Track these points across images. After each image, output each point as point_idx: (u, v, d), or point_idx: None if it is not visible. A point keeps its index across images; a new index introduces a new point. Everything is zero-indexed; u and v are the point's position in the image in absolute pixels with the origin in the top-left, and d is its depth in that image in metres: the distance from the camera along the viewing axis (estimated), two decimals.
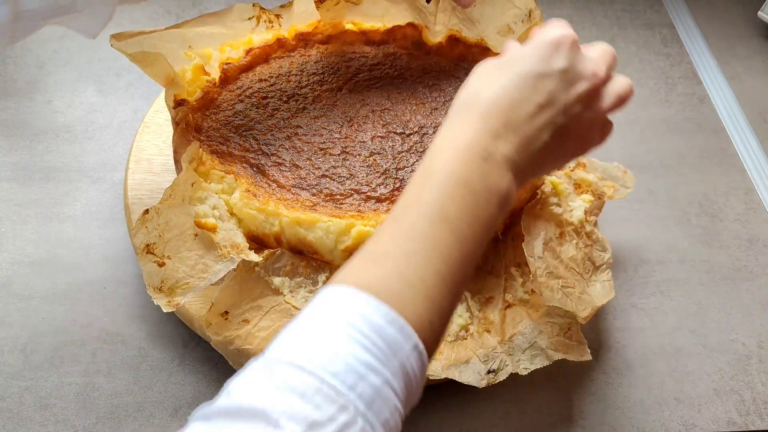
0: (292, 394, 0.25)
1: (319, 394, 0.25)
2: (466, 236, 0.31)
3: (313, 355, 0.26)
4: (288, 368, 0.26)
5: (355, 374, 0.26)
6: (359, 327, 0.27)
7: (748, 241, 0.56)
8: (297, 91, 0.52)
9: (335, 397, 0.25)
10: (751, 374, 0.48)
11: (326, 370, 0.25)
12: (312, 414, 0.24)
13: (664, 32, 0.73)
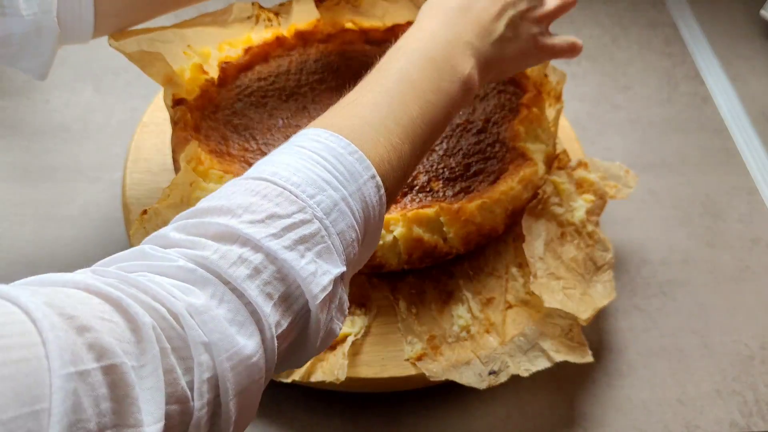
0: (255, 196, 0.28)
1: (280, 197, 0.28)
2: (429, 101, 0.35)
3: (277, 170, 0.29)
4: (253, 180, 0.29)
5: (314, 187, 0.29)
6: (321, 153, 0.30)
7: (751, 241, 0.55)
8: (296, 90, 0.52)
9: (295, 200, 0.28)
10: (754, 375, 0.48)
11: (288, 181, 0.28)
12: (272, 209, 0.27)
13: (666, 32, 0.72)
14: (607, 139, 0.62)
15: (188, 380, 0.23)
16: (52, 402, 0.18)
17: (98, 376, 0.20)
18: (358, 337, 0.43)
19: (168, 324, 0.23)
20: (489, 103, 0.52)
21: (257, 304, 0.25)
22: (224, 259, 0.26)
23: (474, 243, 0.46)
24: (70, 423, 0.18)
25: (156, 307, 0.23)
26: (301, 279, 0.27)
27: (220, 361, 0.24)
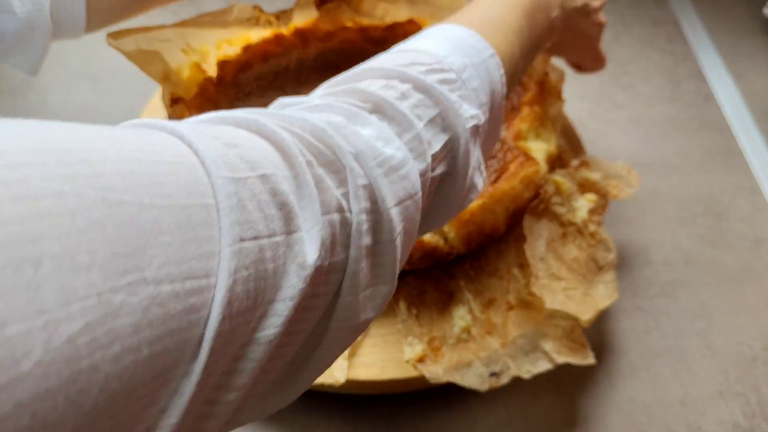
0: (392, 55, 0.29)
1: (417, 54, 0.29)
2: (529, 23, 0.36)
3: (407, 45, 0.31)
4: (386, 53, 0.30)
5: (444, 50, 0.30)
6: (443, 33, 0.32)
7: (755, 241, 0.55)
8: (296, 89, 0.51)
9: (431, 56, 0.29)
10: (757, 377, 0.47)
11: (416, 48, 0.30)
12: (412, 59, 0.28)
13: (668, 30, 0.72)
14: (608, 138, 0.61)
15: (343, 192, 0.22)
16: (217, 198, 0.18)
17: (257, 183, 0.19)
18: (358, 339, 0.43)
19: (307, 141, 0.23)
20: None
21: (408, 117, 0.26)
22: (372, 86, 0.26)
23: (475, 243, 0.46)
24: (239, 221, 0.18)
25: (291, 128, 0.23)
26: (450, 102, 0.27)
27: (369, 168, 0.23)
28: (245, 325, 0.18)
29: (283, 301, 0.19)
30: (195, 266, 0.16)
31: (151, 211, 0.16)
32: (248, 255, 0.18)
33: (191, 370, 0.17)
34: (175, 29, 0.47)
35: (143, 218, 0.16)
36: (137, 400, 0.15)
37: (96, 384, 0.14)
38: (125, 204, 0.15)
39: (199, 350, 0.17)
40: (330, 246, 0.21)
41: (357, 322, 0.23)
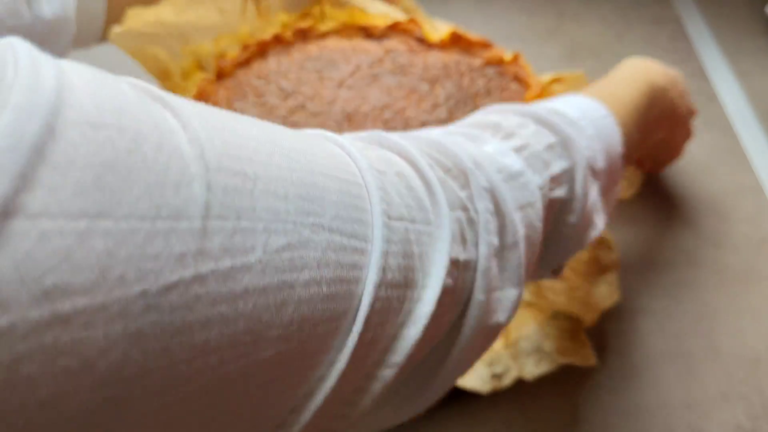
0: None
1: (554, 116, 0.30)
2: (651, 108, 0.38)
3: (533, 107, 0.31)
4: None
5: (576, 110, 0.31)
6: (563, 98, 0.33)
7: (759, 242, 0.55)
8: (295, 88, 0.51)
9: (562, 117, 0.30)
10: (760, 378, 0.47)
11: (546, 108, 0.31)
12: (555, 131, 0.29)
13: (671, 28, 0.71)
14: None
15: (466, 194, 0.24)
16: (365, 180, 0.20)
17: (395, 178, 0.22)
18: None
19: (427, 150, 0.24)
20: (491, 100, 0.52)
21: (525, 138, 0.27)
22: (487, 117, 0.28)
23: None
24: (385, 200, 0.20)
25: (412, 140, 0.25)
26: (567, 134, 0.29)
27: (488, 173, 0.25)
28: (399, 301, 0.20)
29: (430, 287, 0.21)
30: (356, 228, 0.19)
31: (321, 176, 0.19)
32: (395, 231, 0.20)
33: (353, 326, 0.18)
34: (173, 25, 0.47)
35: (317, 179, 0.18)
36: (314, 341, 0.17)
37: (291, 301, 0.16)
38: (301, 163, 0.18)
39: (359, 308, 0.19)
40: (460, 241, 0.23)
41: (489, 323, 0.24)
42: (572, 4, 0.74)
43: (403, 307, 0.20)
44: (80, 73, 0.15)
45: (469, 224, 0.23)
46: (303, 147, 0.19)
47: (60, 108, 0.13)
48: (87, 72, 0.15)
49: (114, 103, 0.14)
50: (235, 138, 0.17)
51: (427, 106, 0.51)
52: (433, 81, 0.53)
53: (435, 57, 0.54)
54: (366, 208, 0.20)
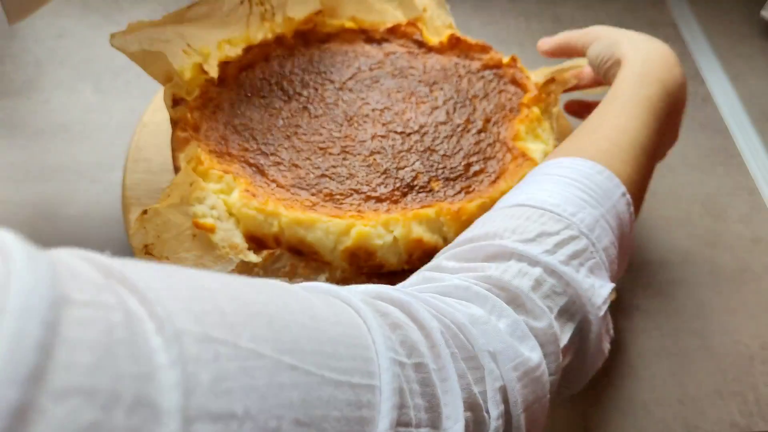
0: (518, 219, 0.28)
1: (543, 217, 0.28)
2: (664, 125, 0.36)
3: (532, 195, 0.29)
4: (510, 208, 0.29)
5: (574, 205, 0.29)
6: (571, 176, 0.30)
7: (752, 241, 0.55)
8: (297, 90, 0.52)
9: (559, 218, 0.28)
10: (755, 375, 0.48)
11: (546, 203, 0.28)
12: (539, 228, 0.27)
13: (666, 31, 0.72)
14: None
15: (480, 390, 0.23)
16: (382, 380, 0.19)
17: (411, 372, 0.21)
18: None
19: (452, 332, 0.23)
20: (489, 103, 0.52)
21: (543, 310, 0.25)
22: (506, 273, 0.26)
23: None
24: (395, 405, 0.19)
25: (439, 317, 0.23)
26: (582, 290, 0.27)
27: (506, 370, 0.23)
28: None
29: None
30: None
31: (329, 386, 0.18)
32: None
33: None
34: (176, 28, 0.48)
35: (323, 392, 0.17)
36: None
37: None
38: (311, 374, 0.17)
39: None
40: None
41: None
42: (568, 7, 0.75)
43: None
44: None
45: (475, 425, 0.22)
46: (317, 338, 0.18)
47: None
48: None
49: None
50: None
51: (426, 108, 0.51)
52: (432, 84, 0.53)
53: (434, 60, 0.55)
54: (373, 417, 0.19)
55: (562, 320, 0.26)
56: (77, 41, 0.63)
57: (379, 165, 0.47)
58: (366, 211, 0.45)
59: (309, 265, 0.45)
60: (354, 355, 0.19)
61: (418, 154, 0.48)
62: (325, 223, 0.43)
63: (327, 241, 0.44)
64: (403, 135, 0.49)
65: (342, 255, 0.44)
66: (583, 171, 0.30)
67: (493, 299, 0.25)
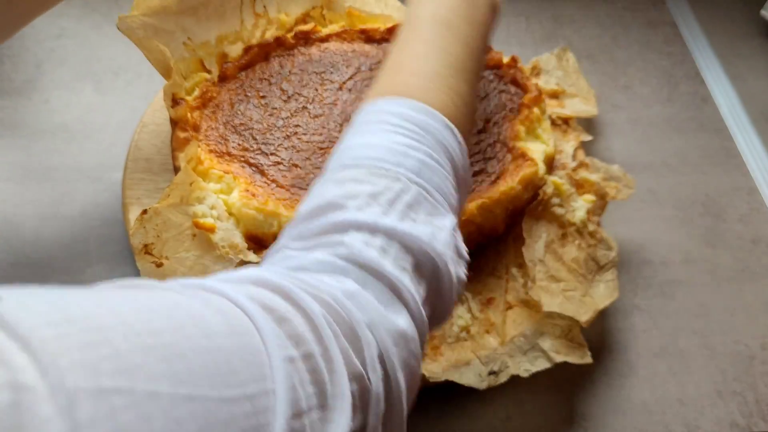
0: (347, 183, 0.28)
1: (371, 175, 0.28)
2: (468, 35, 0.35)
3: (355, 153, 0.30)
4: (339, 171, 0.29)
5: (397, 153, 0.29)
6: (391, 120, 0.30)
7: (752, 241, 0.55)
8: (296, 90, 0.52)
9: (385, 173, 0.28)
10: (755, 376, 0.48)
11: (370, 158, 0.29)
12: (368, 189, 0.28)
13: (666, 31, 0.72)
14: (607, 139, 0.62)
15: (361, 360, 0.24)
16: (275, 381, 0.20)
17: (300, 364, 0.21)
18: None
19: (333, 309, 0.24)
20: (489, 103, 0.52)
21: (396, 277, 0.26)
22: (353, 246, 0.26)
23: (474, 243, 0.46)
24: (289, 402, 0.20)
25: (319, 297, 0.24)
26: (424, 243, 0.28)
27: (381, 338, 0.25)
28: None
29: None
30: None
31: (227, 405, 0.18)
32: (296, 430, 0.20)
33: None
34: (177, 19, 0.48)
35: (221, 413, 0.18)
36: None
37: None
38: (208, 400, 0.17)
39: None
40: (352, 413, 0.23)
41: None
42: (568, 8, 0.75)
43: None
44: None
45: (361, 393, 0.23)
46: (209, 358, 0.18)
47: None
48: None
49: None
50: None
51: None
52: None
53: None
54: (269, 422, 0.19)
55: (416, 277, 0.28)
56: (77, 41, 0.63)
57: None
58: None
59: None
60: (248, 363, 0.19)
61: None
62: None
63: None
64: None
65: None
66: (399, 112, 0.31)
67: (355, 271, 0.26)
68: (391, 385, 0.25)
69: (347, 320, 0.24)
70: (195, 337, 0.19)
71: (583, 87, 0.59)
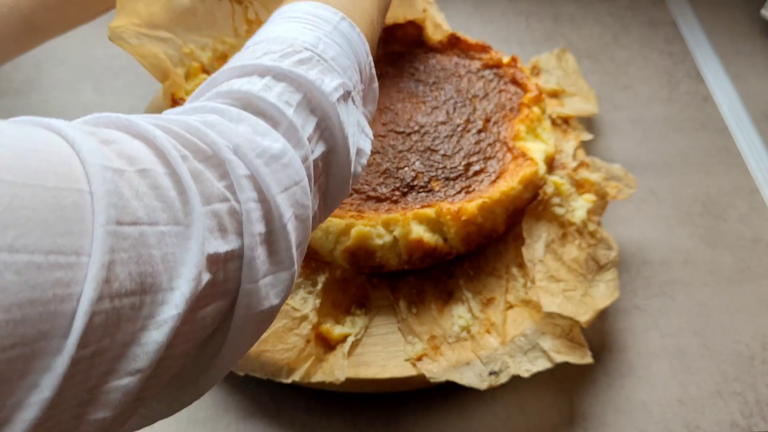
0: (245, 52, 0.29)
1: (269, 44, 0.29)
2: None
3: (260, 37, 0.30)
4: (243, 51, 0.30)
5: (293, 32, 0.30)
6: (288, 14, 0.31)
7: (752, 241, 0.55)
8: None
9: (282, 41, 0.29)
10: (755, 376, 0.48)
11: (268, 38, 0.30)
12: (265, 50, 0.29)
13: (666, 30, 0.72)
14: (607, 138, 0.62)
15: (225, 184, 0.23)
16: (91, 184, 0.19)
17: (135, 177, 0.20)
18: (359, 337, 0.43)
19: (182, 137, 0.23)
20: (489, 103, 0.52)
21: (277, 107, 0.26)
22: (235, 84, 0.27)
23: (474, 243, 0.46)
24: (115, 205, 0.19)
25: (166, 125, 0.23)
26: (311, 83, 0.28)
27: (249, 159, 0.24)
28: (134, 309, 0.19)
29: (178, 289, 0.20)
30: (61, 242, 0.18)
31: (11, 187, 0.17)
32: (126, 238, 0.19)
33: (63, 346, 0.17)
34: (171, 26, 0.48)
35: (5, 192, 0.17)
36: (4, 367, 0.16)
37: None
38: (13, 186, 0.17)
39: (71, 327, 0.17)
40: (220, 235, 0.22)
41: (261, 308, 0.24)
42: (568, 7, 0.75)
43: (140, 314, 0.19)
44: None
45: (230, 215, 0.23)
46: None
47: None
48: None
49: None
50: None
51: (426, 108, 0.51)
52: (431, 84, 0.53)
53: (434, 60, 0.55)
54: (84, 217, 0.18)
55: (302, 114, 0.28)
56: (77, 41, 0.63)
57: (379, 165, 0.47)
58: (366, 211, 0.45)
59: (309, 265, 0.45)
60: (49, 165, 0.18)
61: (418, 154, 0.48)
62: (324, 223, 0.43)
63: (327, 241, 0.44)
64: (403, 135, 0.49)
65: (342, 255, 0.44)
66: (301, 8, 0.32)
67: (229, 109, 0.26)
68: (269, 206, 0.24)
69: (203, 148, 0.23)
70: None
71: (582, 87, 0.59)
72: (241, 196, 0.23)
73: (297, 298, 0.44)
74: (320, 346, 0.42)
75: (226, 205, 0.23)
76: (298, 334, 0.42)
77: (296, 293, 0.44)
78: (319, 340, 0.42)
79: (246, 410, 0.44)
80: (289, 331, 0.42)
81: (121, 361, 0.19)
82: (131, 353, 0.19)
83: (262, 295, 0.24)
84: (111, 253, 0.19)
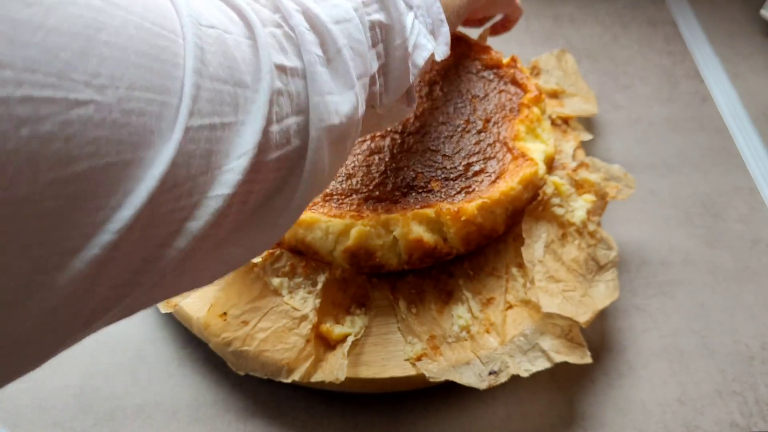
0: None
1: None
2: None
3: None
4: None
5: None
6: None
7: (752, 241, 0.55)
8: None
9: None
10: (755, 376, 0.48)
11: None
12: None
13: (666, 30, 0.72)
14: (607, 138, 0.62)
15: (279, 16, 0.26)
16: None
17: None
18: (358, 337, 0.43)
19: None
20: (489, 103, 0.52)
21: None
22: None
23: (474, 243, 0.46)
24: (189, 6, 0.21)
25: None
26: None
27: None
28: (231, 98, 0.21)
29: (262, 90, 0.23)
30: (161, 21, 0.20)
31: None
32: (209, 35, 0.21)
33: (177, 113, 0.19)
34: None
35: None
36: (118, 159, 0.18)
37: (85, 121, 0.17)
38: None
39: (182, 93, 0.20)
40: (281, 52, 0.24)
41: (332, 122, 0.26)
42: (568, 7, 0.75)
43: (237, 108, 0.22)
44: None
45: (287, 39, 0.25)
46: None
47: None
48: None
49: None
50: None
51: (427, 109, 0.51)
52: (432, 84, 0.53)
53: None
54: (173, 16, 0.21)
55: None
56: None
57: (379, 165, 0.47)
58: (365, 211, 0.45)
59: (309, 264, 0.45)
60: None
61: (418, 154, 0.48)
62: (324, 223, 0.43)
63: (327, 241, 0.44)
64: (403, 135, 0.49)
65: (342, 255, 0.44)
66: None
67: None
68: (323, 33, 0.27)
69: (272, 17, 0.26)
70: None
71: (582, 87, 0.59)
72: (293, 22, 0.25)
73: (297, 298, 0.44)
74: (320, 346, 0.42)
75: (281, 31, 0.25)
76: (298, 333, 0.42)
77: (296, 293, 0.44)
78: (319, 340, 0.43)
79: (246, 410, 0.44)
80: (289, 331, 0.42)
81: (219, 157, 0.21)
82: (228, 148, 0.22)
83: (331, 109, 0.26)
84: (200, 40, 0.21)
